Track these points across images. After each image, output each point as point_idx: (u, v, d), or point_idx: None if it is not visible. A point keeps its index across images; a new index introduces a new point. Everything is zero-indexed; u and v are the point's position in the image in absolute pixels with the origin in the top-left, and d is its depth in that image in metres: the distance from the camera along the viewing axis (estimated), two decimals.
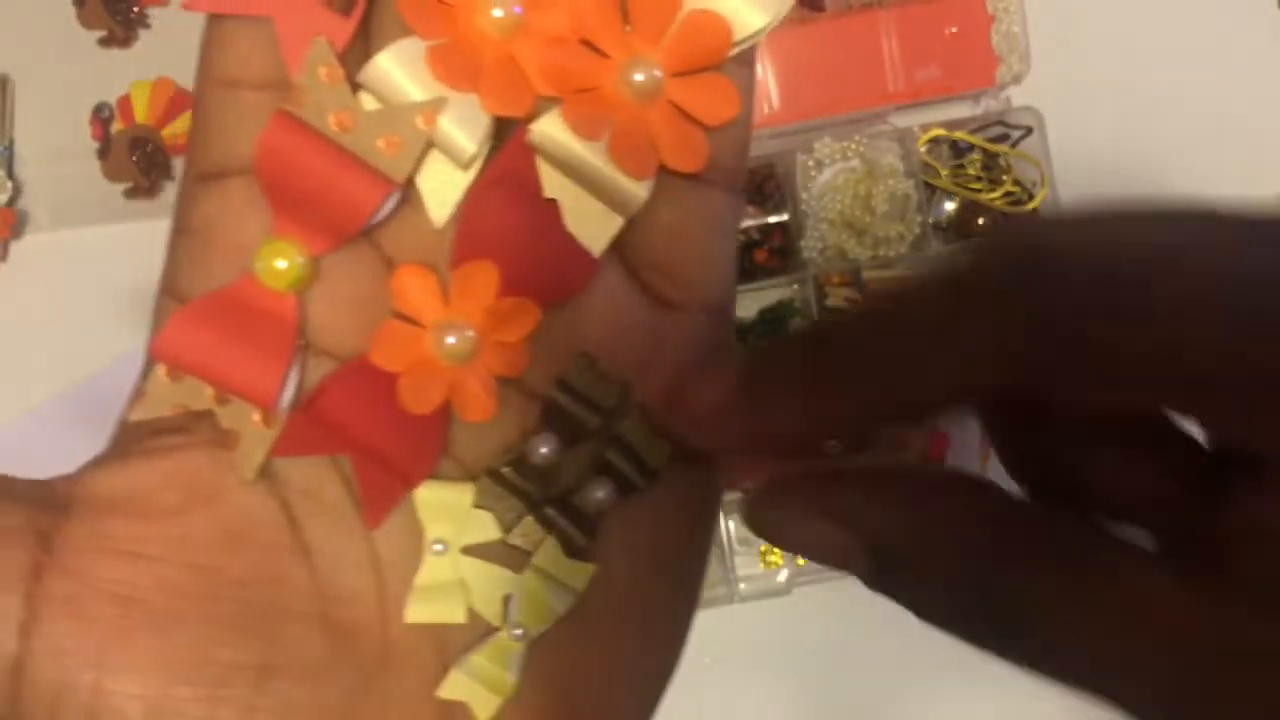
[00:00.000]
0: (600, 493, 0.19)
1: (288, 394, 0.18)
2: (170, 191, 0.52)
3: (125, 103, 0.52)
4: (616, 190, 0.18)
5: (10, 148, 0.52)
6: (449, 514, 0.19)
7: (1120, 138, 0.53)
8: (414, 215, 0.19)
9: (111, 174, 0.52)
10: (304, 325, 0.18)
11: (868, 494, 0.17)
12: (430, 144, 0.18)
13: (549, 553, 0.19)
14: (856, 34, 0.54)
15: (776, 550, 0.51)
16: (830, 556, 0.18)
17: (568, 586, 0.19)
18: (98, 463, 0.19)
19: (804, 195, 0.55)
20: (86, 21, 0.53)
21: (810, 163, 0.55)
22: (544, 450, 0.19)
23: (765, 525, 0.19)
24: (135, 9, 0.52)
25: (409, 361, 0.18)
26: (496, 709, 0.19)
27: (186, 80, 0.52)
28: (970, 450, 0.52)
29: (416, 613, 0.19)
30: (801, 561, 0.49)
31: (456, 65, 0.18)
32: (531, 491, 0.19)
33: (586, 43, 0.18)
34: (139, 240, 0.52)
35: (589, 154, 0.18)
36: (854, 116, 0.56)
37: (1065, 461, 0.17)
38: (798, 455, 0.19)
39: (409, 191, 0.18)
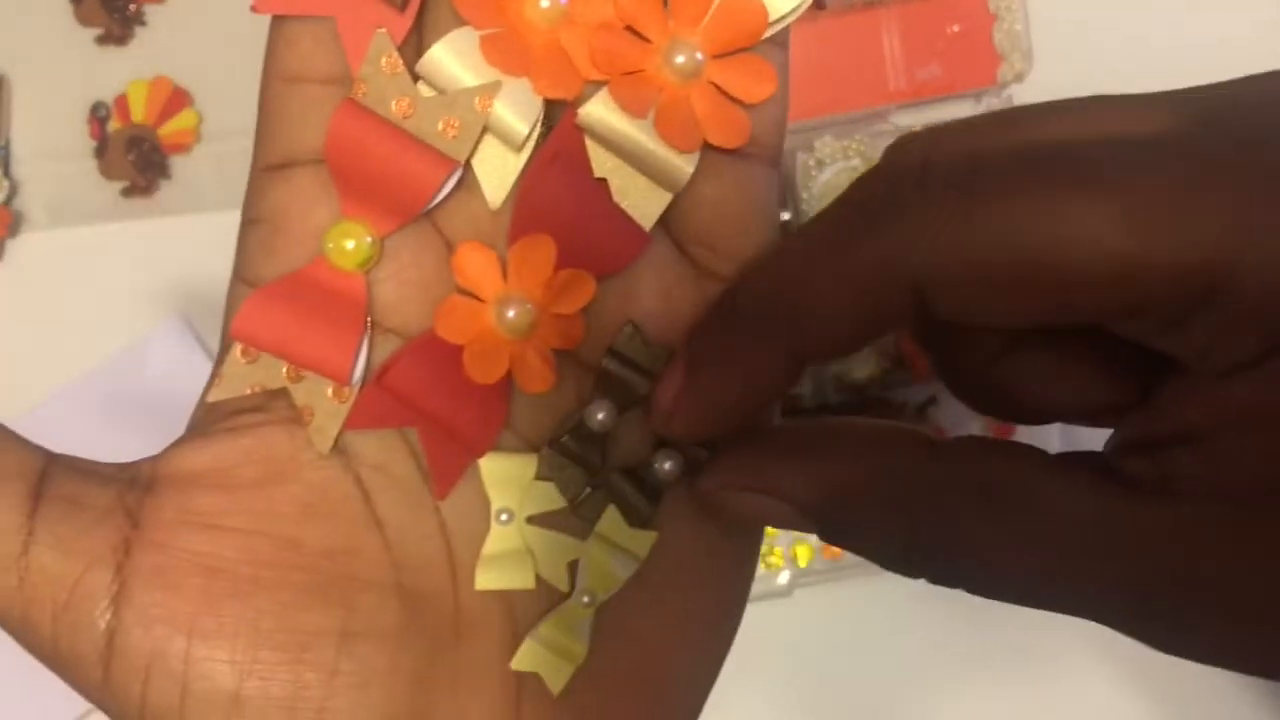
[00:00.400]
0: (668, 464, 0.20)
1: (358, 371, 0.19)
2: (166, 190, 0.52)
3: (122, 101, 0.52)
4: (664, 165, 0.19)
5: (6, 146, 0.52)
6: (513, 484, 0.20)
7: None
8: (471, 199, 0.20)
9: (108, 173, 0.52)
10: (370, 305, 0.19)
11: (794, 465, 0.19)
12: (485, 128, 0.19)
13: (611, 520, 0.20)
14: (857, 32, 0.54)
15: (777, 551, 0.51)
16: (778, 522, 0.19)
17: (630, 553, 0.20)
18: (180, 443, 0.20)
19: (805, 195, 0.55)
20: (84, 19, 0.53)
21: (811, 162, 0.55)
22: (600, 416, 0.20)
23: (713, 506, 0.20)
24: (132, 6, 0.52)
25: (472, 335, 0.19)
26: (569, 678, 0.20)
27: (184, 79, 0.52)
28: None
29: (485, 580, 0.20)
30: (803, 563, 0.49)
31: (510, 51, 0.19)
32: (592, 459, 0.20)
33: (629, 29, 0.19)
34: (136, 239, 0.52)
35: (636, 131, 0.19)
36: (855, 115, 0.56)
37: (999, 377, 0.19)
38: (758, 417, 0.20)
39: (466, 176, 0.19)
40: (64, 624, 0.18)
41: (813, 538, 0.49)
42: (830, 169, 0.55)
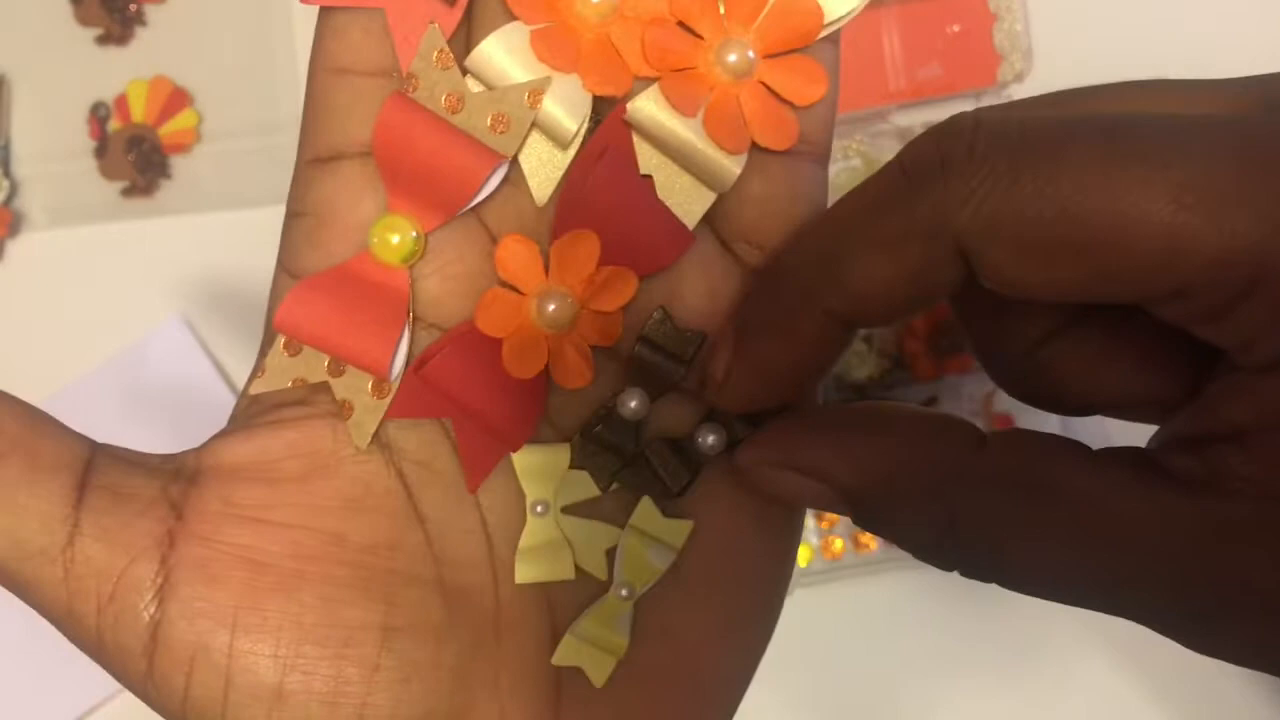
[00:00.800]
0: (712, 437, 0.20)
1: (398, 365, 0.19)
2: (166, 190, 0.52)
3: (122, 101, 0.52)
4: (712, 165, 0.19)
5: (7, 146, 0.52)
6: (547, 476, 0.20)
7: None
8: (517, 194, 0.20)
9: (108, 173, 0.52)
10: (413, 299, 0.19)
11: (835, 447, 0.19)
12: (533, 125, 0.19)
13: (645, 511, 0.20)
14: (857, 32, 0.54)
15: None
16: (813, 503, 0.19)
17: (666, 543, 0.20)
18: (223, 435, 0.20)
19: None
20: (84, 19, 0.53)
21: None
22: (633, 405, 0.20)
23: (751, 481, 0.19)
24: (133, 7, 0.52)
25: (511, 328, 0.19)
26: (611, 670, 0.20)
27: (184, 79, 0.52)
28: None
29: (525, 573, 0.20)
30: (803, 563, 0.49)
31: (560, 47, 0.19)
32: (625, 446, 0.20)
33: (682, 25, 0.19)
34: (136, 239, 0.52)
35: (685, 129, 0.19)
36: (855, 115, 0.56)
37: (1042, 363, 0.18)
38: (805, 386, 0.20)
39: (512, 171, 0.19)
40: (108, 616, 0.18)
41: (812, 538, 0.49)
42: (831, 168, 0.55)
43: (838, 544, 0.49)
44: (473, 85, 0.19)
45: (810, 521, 0.49)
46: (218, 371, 0.51)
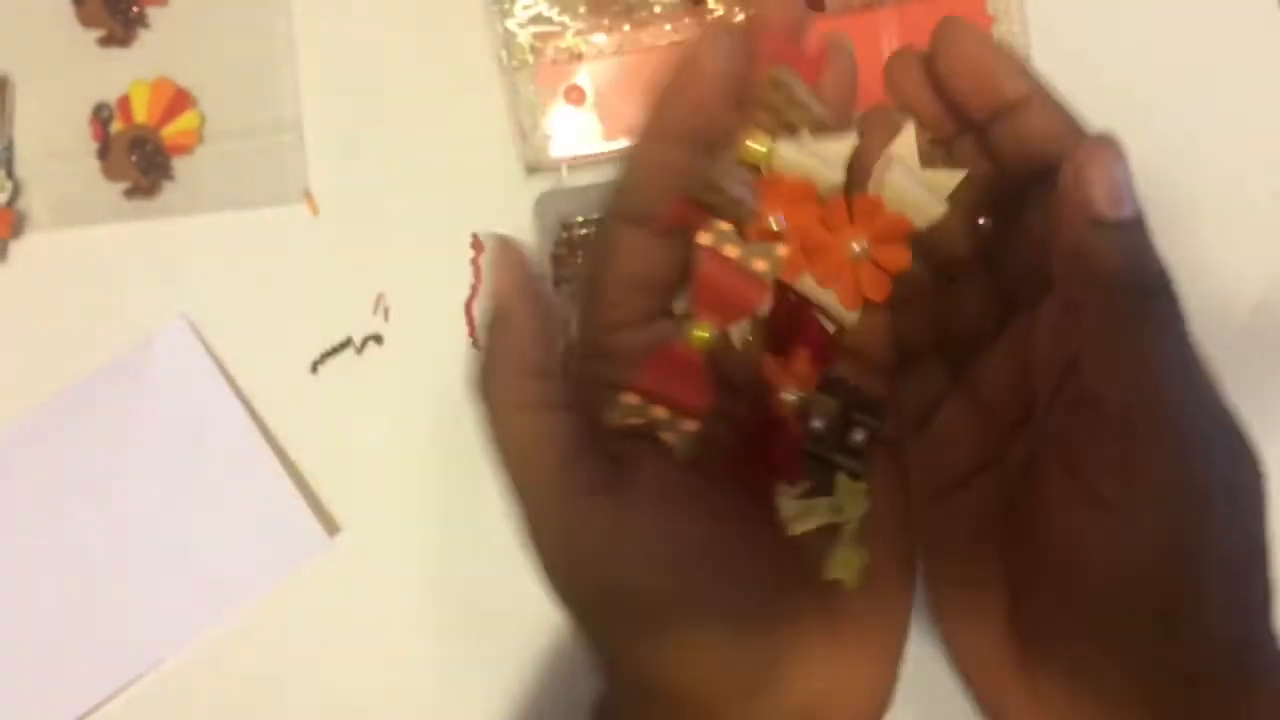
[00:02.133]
0: (859, 436, 0.30)
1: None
2: (169, 191, 0.52)
3: (125, 103, 0.52)
4: (834, 313, 0.31)
5: (10, 147, 0.52)
6: (808, 516, 0.30)
7: (1120, 138, 0.52)
8: None
9: (111, 174, 0.52)
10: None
11: None
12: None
13: (842, 482, 0.30)
14: (856, 33, 0.54)
15: None
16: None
17: (859, 498, 0.30)
18: (629, 457, 0.29)
19: None
20: (86, 21, 0.53)
21: None
22: (816, 425, 0.31)
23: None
24: (135, 8, 0.53)
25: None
26: (859, 579, 0.30)
27: (186, 80, 0.53)
28: None
29: (795, 528, 0.30)
30: None
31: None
32: (823, 452, 0.31)
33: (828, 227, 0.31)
34: (139, 240, 0.52)
35: (822, 294, 0.31)
36: (855, 116, 0.55)
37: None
38: None
39: None
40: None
41: None
42: None
43: None
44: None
45: None
46: (221, 372, 0.51)
